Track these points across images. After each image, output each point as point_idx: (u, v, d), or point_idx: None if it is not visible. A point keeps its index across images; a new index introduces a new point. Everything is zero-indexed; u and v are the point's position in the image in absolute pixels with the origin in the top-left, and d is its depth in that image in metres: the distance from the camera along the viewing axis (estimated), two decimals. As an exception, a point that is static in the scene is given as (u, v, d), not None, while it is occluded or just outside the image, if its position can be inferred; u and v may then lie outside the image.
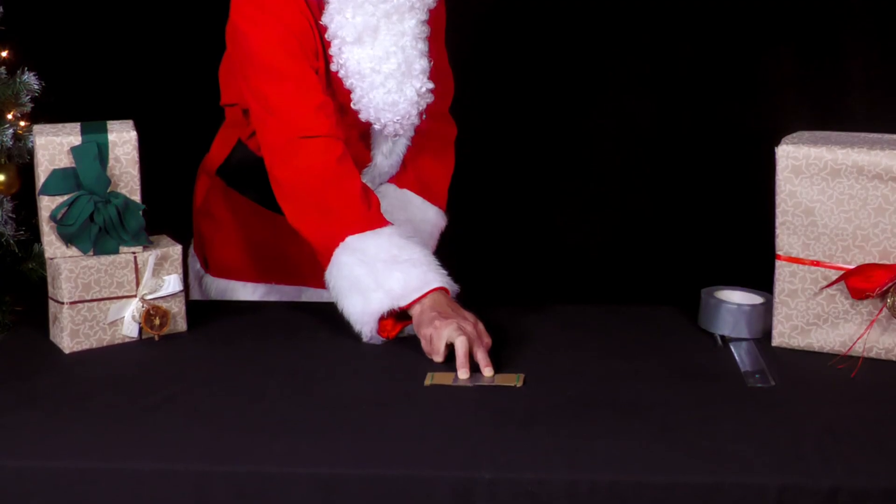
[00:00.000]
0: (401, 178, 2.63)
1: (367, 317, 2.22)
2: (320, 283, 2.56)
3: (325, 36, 2.35)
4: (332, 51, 2.35)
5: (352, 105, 2.38)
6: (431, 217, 2.65)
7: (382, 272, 2.21)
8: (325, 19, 2.35)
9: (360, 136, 2.49)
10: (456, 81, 2.66)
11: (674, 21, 3.77)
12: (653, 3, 3.76)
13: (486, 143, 3.75)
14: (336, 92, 2.39)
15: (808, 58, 3.73)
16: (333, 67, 2.37)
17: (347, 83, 2.37)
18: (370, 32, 2.33)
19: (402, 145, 2.57)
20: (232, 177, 2.62)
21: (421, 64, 2.38)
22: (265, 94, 2.32)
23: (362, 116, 2.39)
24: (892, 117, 3.43)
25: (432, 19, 2.43)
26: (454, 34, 2.65)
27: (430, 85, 2.39)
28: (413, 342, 2.19)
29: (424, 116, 2.43)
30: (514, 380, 2.05)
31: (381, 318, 2.22)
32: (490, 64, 3.80)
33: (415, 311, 2.19)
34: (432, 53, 2.42)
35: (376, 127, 2.41)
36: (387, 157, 2.56)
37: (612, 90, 3.86)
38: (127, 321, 2.23)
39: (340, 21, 2.33)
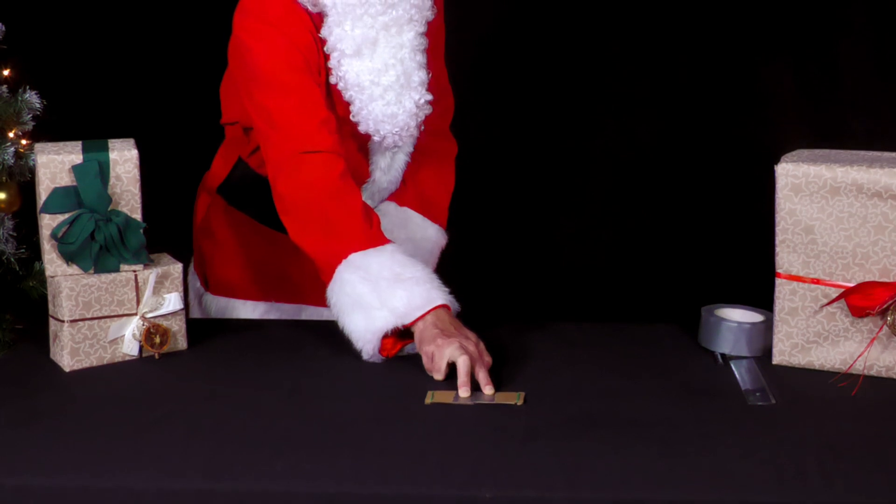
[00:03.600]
0: (401, 195, 2.63)
1: (370, 335, 2.22)
2: (320, 301, 2.56)
3: (325, 48, 2.36)
4: (332, 63, 2.36)
5: (351, 117, 2.39)
6: (432, 235, 2.65)
7: (386, 290, 2.21)
8: (324, 32, 2.35)
9: (358, 149, 2.49)
10: (456, 99, 2.67)
11: (673, 40, 3.79)
12: (653, 22, 3.78)
13: (487, 160, 3.75)
14: (335, 104, 2.40)
15: (807, 76, 3.74)
16: (332, 80, 2.37)
17: (346, 95, 2.37)
18: (369, 45, 2.34)
19: (400, 161, 2.57)
20: (232, 195, 2.63)
21: (419, 76, 2.38)
22: (269, 108, 2.32)
23: (361, 128, 2.39)
24: (891, 135, 3.44)
25: (432, 37, 2.44)
26: (455, 52, 2.66)
27: (429, 97, 2.40)
28: (413, 360, 2.20)
29: (423, 128, 2.44)
30: (514, 398, 2.05)
31: (383, 337, 2.22)
32: (491, 82, 3.81)
33: (417, 329, 2.19)
34: (433, 70, 2.43)
35: (376, 139, 2.42)
36: (385, 172, 2.56)
37: (612, 107, 3.87)
38: (127, 339, 2.23)
39: (340, 34, 2.34)
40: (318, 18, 2.37)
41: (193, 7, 3.59)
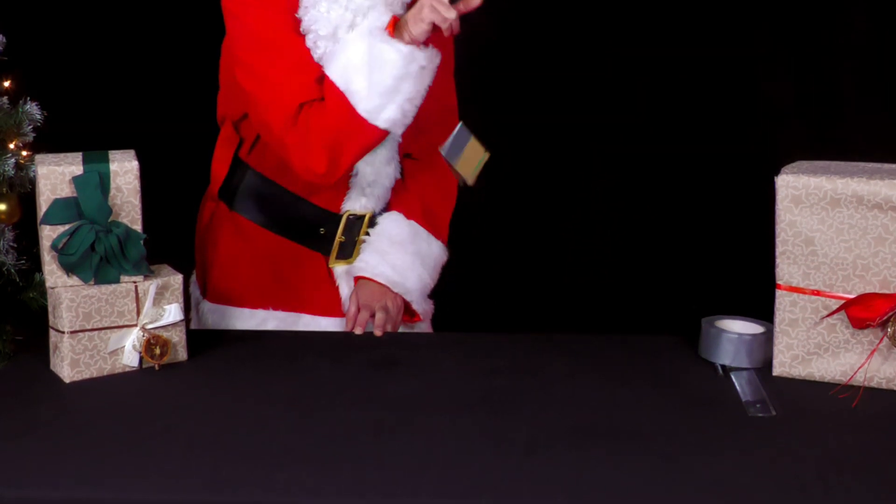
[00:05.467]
0: (409, 208, 2.63)
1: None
2: (318, 310, 2.57)
3: (300, 29, 2.38)
4: (308, 44, 2.38)
5: None
6: (436, 251, 2.67)
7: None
8: (300, 12, 2.38)
9: None
10: (460, 115, 2.67)
11: (673, 52, 3.79)
12: (652, 33, 3.78)
13: (488, 171, 3.75)
14: None
15: (807, 88, 3.75)
16: None
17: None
18: (345, 28, 2.36)
19: (383, 153, 2.56)
20: (233, 198, 2.62)
21: None
22: (263, 70, 2.37)
23: None
24: (891, 146, 3.44)
25: (442, 59, 2.45)
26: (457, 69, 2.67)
27: None
28: (414, 371, 2.20)
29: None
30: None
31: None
32: (494, 97, 3.82)
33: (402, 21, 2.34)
34: (440, 89, 2.44)
35: None
36: (368, 163, 2.55)
37: (613, 118, 3.87)
38: (127, 350, 2.22)
39: (315, 15, 2.38)
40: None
41: (193, 17, 3.60)
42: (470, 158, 2.35)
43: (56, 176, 2.16)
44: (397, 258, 2.59)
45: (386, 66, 2.31)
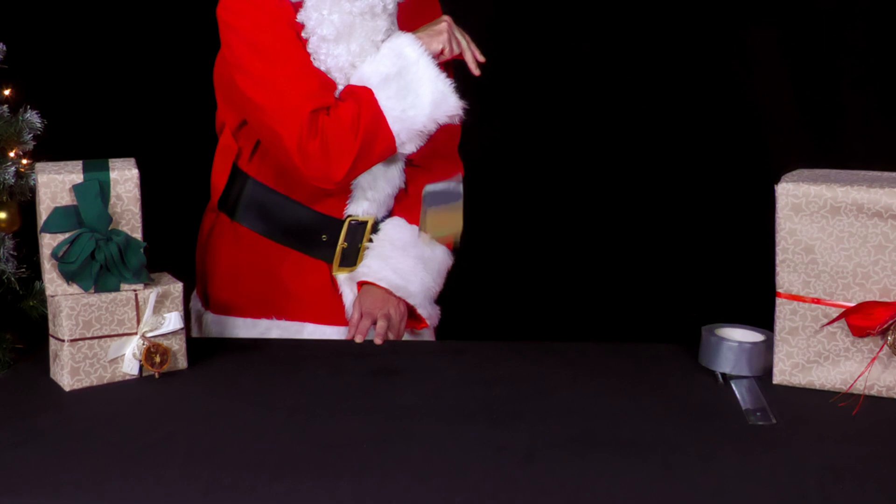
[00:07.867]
0: (411, 213, 2.64)
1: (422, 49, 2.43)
2: (322, 318, 2.57)
3: (302, 34, 2.39)
4: (310, 48, 2.41)
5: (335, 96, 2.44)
6: (440, 255, 2.67)
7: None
8: (301, 16, 2.40)
9: None
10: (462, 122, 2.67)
11: (673, 60, 3.79)
12: (652, 42, 3.78)
13: (489, 183, 3.76)
14: None
15: (807, 96, 3.75)
16: (314, 65, 2.42)
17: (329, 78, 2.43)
18: (347, 29, 2.38)
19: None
20: (233, 208, 2.62)
21: None
22: (269, 80, 2.38)
23: None
24: (891, 155, 3.44)
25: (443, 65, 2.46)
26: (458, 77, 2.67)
27: None
28: (414, 382, 2.20)
29: None
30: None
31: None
32: (495, 103, 3.82)
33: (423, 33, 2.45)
34: None
35: None
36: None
37: (613, 126, 3.87)
38: (127, 359, 2.22)
39: (318, 19, 2.40)
40: (298, 7, 2.41)
41: (194, 26, 3.60)
42: (439, 223, 2.39)
43: (56, 184, 2.16)
44: (399, 262, 2.59)
45: (425, 108, 2.41)
